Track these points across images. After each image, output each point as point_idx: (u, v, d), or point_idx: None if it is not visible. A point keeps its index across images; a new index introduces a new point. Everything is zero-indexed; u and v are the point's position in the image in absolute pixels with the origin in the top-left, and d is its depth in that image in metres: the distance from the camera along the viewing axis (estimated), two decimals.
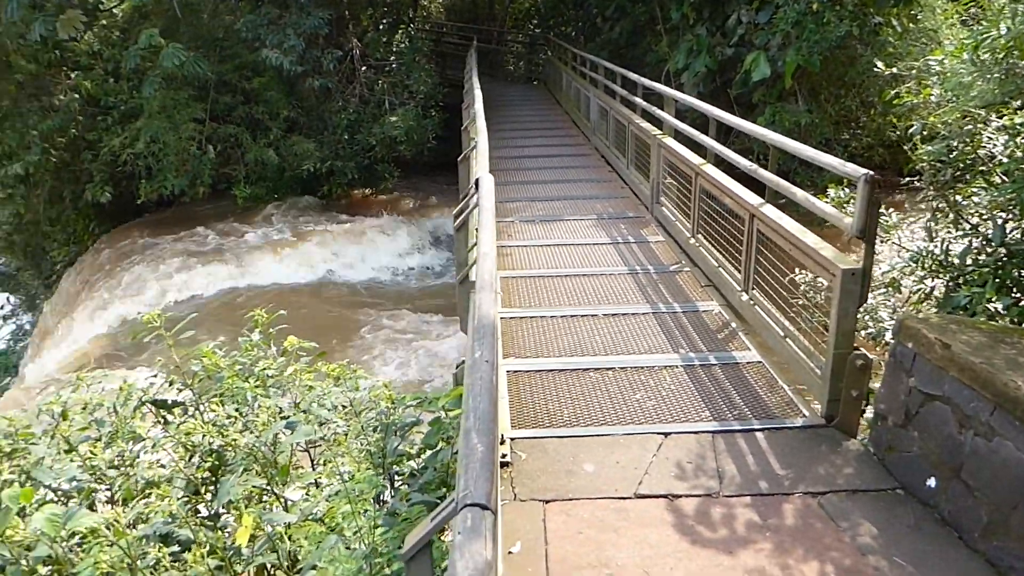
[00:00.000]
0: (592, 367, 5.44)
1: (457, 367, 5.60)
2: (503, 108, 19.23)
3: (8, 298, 25.16)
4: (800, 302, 5.30)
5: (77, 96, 17.02)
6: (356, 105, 18.56)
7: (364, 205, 18.38)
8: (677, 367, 5.41)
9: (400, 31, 21.61)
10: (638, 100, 10.84)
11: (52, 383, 10.83)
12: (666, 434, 4.62)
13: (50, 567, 3.60)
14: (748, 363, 5.37)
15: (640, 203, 10.08)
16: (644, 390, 5.15)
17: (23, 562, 3.51)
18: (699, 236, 7.34)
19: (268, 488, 4.19)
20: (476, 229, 5.11)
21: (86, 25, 16.63)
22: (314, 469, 4.86)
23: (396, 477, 4.47)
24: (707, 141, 7.25)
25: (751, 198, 5.80)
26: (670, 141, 8.64)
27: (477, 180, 4.96)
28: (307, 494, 4.36)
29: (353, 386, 5.02)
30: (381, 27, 21.25)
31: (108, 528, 3.40)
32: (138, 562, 3.33)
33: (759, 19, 14.13)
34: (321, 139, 17.86)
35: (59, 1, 15.51)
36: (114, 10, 18.21)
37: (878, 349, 5.74)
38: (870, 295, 5.27)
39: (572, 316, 6.34)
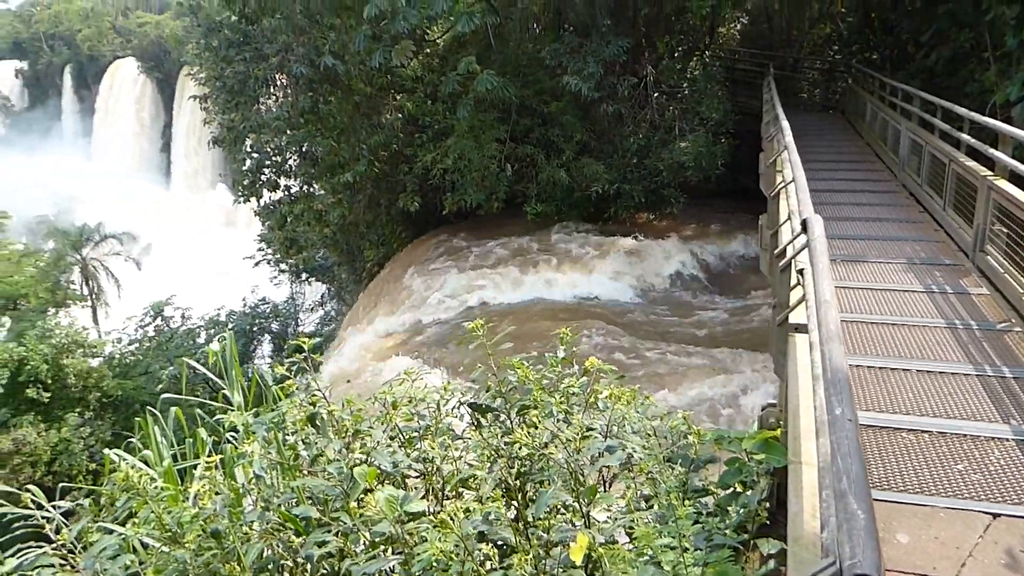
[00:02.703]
0: (904, 427, 5.00)
1: (763, 409, 5.44)
2: (798, 138, 18.34)
3: (327, 288, 28.90)
4: None
5: (400, 115, 19.15)
6: (646, 130, 18.84)
7: (647, 228, 18.56)
8: (1008, 440, 4.79)
9: (695, 58, 21.56)
10: (964, 136, 9.83)
11: (357, 370, 12.18)
12: (995, 515, 4.11)
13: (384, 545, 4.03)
14: None
15: (958, 249, 9.08)
16: (967, 461, 4.63)
17: (364, 534, 3.99)
18: None
19: (574, 504, 4.36)
20: (800, 271, 4.94)
21: (414, 53, 18.64)
22: (606, 490, 4.99)
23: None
24: None
25: None
26: (1004, 184, 7.72)
27: (805, 221, 4.79)
28: (610, 516, 4.46)
29: (645, 411, 5.08)
30: (676, 54, 21.37)
31: (435, 517, 3.73)
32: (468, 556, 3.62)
33: None
34: (610, 162, 18.36)
35: (395, 33, 17.55)
36: (437, 40, 20.20)
37: None
38: None
39: (880, 368, 5.87)
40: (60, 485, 5.88)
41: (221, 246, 62.21)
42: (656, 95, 19.41)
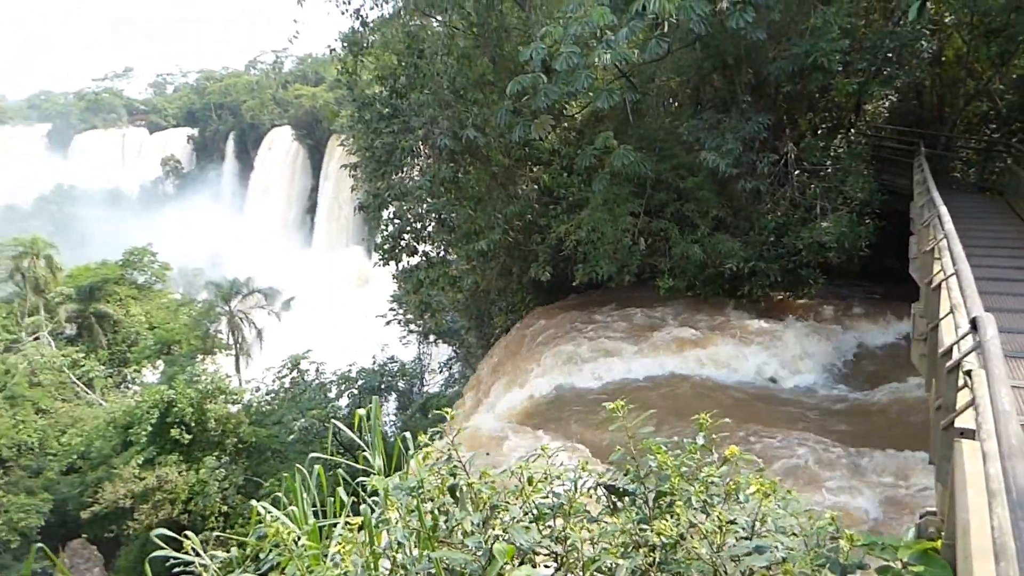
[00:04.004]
0: None
1: (921, 516, 5.07)
2: (954, 221, 17.34)
3: (453, 351, 29.54)
4: None
5: (536, 187, 19.61)
6: (785, 208, 18.39)
7: (783, 308, 17.94)
8: None
9: (839, 136, 20.98)
10: None
11: (485, 437, 12.24)
12: None
13: None
14: None
15: None
16: None
17: None
18: None
19: None
20: (967, 372, 4.62)
21: (552, 127, 19.14)
22: None
23: None
24: None
25: None
26: None
27: (975, 320, 4.50)
28: None
29: (787, 506, 4.82)
30: (819, 132, 20.89)
31: None
32: None
33: None
34: (746, 239, 17.98)
35: (535, 108, 18.12)
36: (575, 115, 20.69)
37: None
38: None
39: None
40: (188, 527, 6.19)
41: (354, 304, 64.93)
42: (797, 172, 18.96)
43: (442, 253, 22.34)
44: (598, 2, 16.37)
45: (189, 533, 5.10)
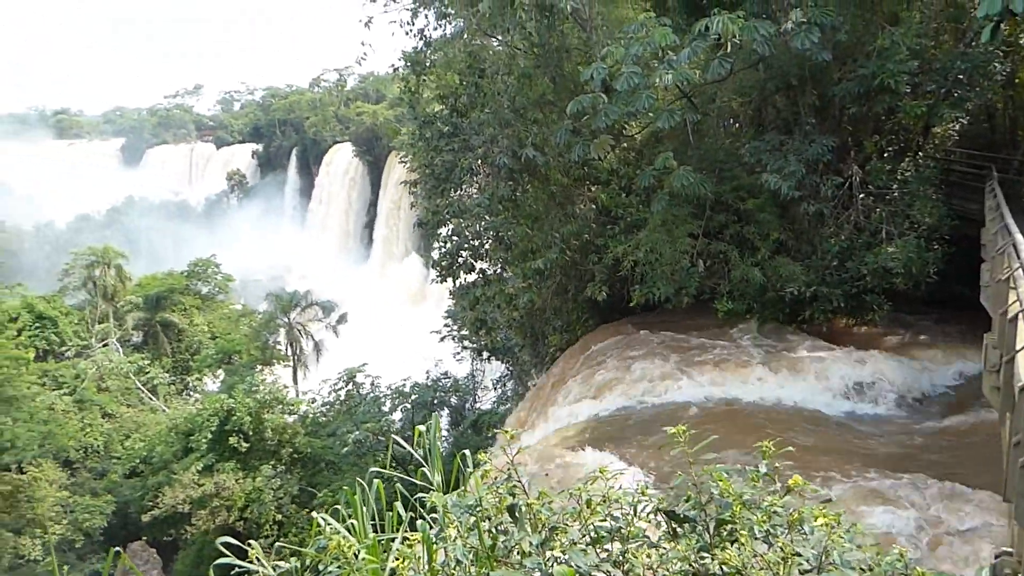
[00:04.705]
0: None
1: (996, 557, 4.90)
2: None
3: (506, 368, 29.63)
4: None
5: (593, 206, 19.60)
6: (849, 232, 17.97)
7: (845, 335, 17.49)
8: None
9: (907, 159, 20.44)
10: None
11: (542, 456, 12.20)
12: None
13: None
14: None
15: None
16: None
17: None
18: None
19: None
20: None
21: (611, 147, 19.14)
22: None
23: None
24: None
25: None
26: None
27: None
28: None
29: (852, 538, 4.70)
30: (885, 155, 20.39)
31: None
32: None
33: None
34: (808, 263, 17.61)
35: (594, 128, 18.14)
36: (635, 135, 20.65)
37: None
38: None
39: None
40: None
41: (409, 319, 65.62)
42: (862, 196, 18.52)
43: (499, 271, 22.48)
44: (660, 23, 16.40)
45: (253, 542, 5.22)
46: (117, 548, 5.52)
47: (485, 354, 32.36)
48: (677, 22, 17.96)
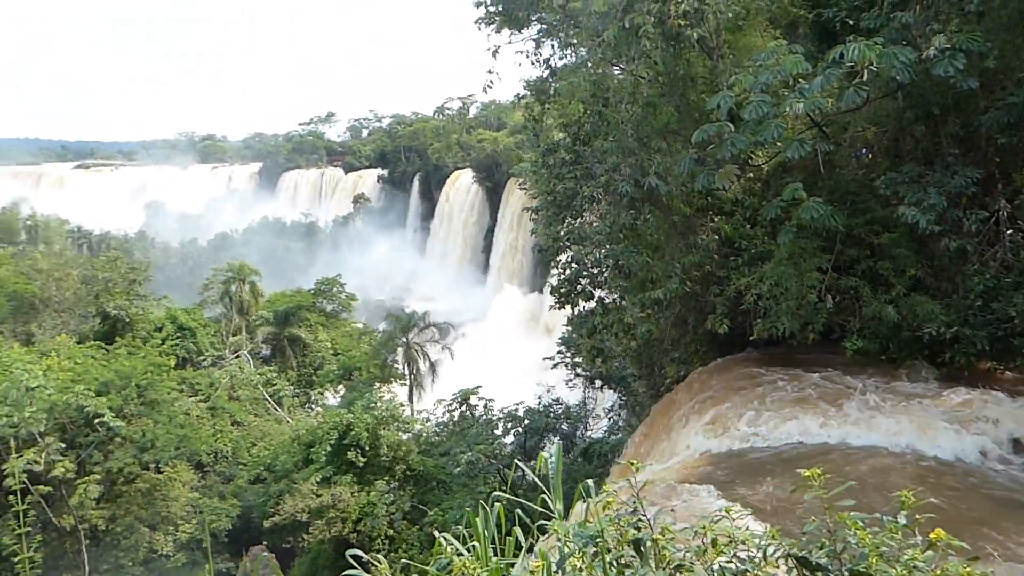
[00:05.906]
0: None
1: None
2: None
3: (619, 397, 29.31)
4: None
5: (716, 237, 19.16)
6: (996, 270, 16.77)
7: (991, 380, 16.23)
8: None
9: None
10: None
11: (659, 490, 11.95)
12: None
13: None
14: None
15: None
16: None
17: None
18: None
19: None
20: None
21: (737, 177, 18.70)
22: None
23: None
24: None
25: None
26: None
27: None
28: None
29: None
30: None
31: None
32: None
33: None
34: (949, 302, 16.54)
35: (719, 157, 17.80)
36: (762, 165, 20.12)
37: None
38: None
39: None
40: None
41: (523, 345, 66.05)
42: (1010, 232, 17.29)
43: (617, 299, 22.31)
44: (791, 50, 15.96)
45: (380, 557, 5.39)
46: (265, 552, 5.82)
47: (597, 382, 32.13)
48: (809, 50, 17.42)
